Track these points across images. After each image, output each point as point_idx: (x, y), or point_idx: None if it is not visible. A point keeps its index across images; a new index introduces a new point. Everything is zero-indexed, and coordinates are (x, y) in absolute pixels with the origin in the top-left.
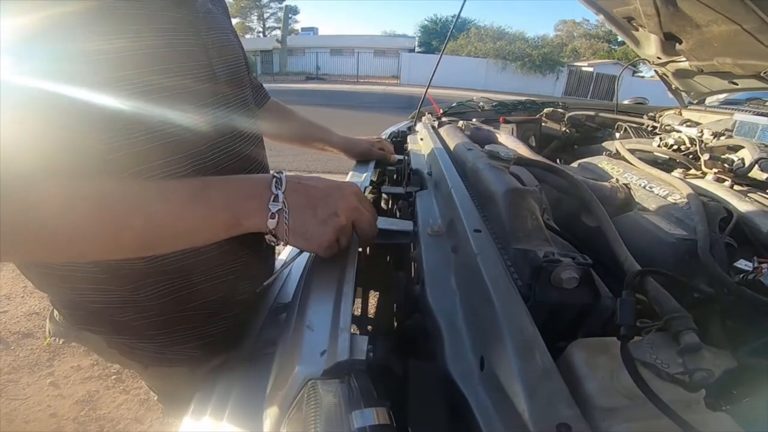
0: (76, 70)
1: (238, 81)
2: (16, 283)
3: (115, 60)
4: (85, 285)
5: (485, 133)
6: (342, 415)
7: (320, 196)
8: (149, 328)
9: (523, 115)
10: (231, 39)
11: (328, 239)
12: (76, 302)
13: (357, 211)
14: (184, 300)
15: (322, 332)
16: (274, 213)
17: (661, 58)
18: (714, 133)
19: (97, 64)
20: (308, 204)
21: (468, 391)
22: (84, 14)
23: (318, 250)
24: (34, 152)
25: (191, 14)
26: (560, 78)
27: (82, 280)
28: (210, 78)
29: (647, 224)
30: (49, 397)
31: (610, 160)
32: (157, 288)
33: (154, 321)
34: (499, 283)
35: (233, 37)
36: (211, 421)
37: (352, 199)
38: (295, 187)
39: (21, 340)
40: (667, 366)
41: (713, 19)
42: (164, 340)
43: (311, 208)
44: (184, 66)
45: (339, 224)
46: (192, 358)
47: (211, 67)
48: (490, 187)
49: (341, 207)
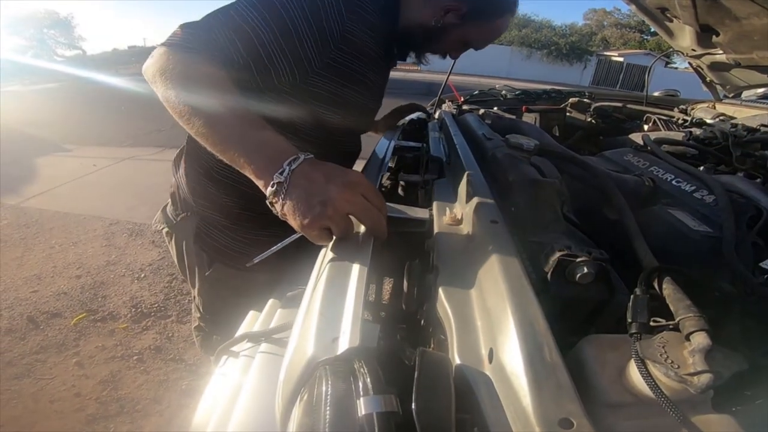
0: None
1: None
2: (45, 264)
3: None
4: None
5: (507, 122)
6: (351, 401)
7: (321, 182)
8: (240, 218)
9: (547, 104)
10: (378, 95)
11: (313, 224)
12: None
13: (354, 204)
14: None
15: (335, 318)
16: (274, 183)
17: (696, 50)
18: (748, 128)
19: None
20: (307, 186)
21: (475, 383)
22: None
23: (304, 232)
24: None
25: (376, 89)
26: (588, 67)
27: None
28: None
29: (671, 219)
30: (74, 377)
31: (637, 152)
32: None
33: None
34: (513, 275)
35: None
36: (225, 403)
37: (349, 192)
38: (305, 169)
39: (50, 320)
40: (677, 366)
41: (754, 11)
42: (246, 235)
43: (307, 191)
44: (357, 113)
45: (326, 213)
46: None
47: (369, 113)
48: (509, 177)
49: (333, 197)
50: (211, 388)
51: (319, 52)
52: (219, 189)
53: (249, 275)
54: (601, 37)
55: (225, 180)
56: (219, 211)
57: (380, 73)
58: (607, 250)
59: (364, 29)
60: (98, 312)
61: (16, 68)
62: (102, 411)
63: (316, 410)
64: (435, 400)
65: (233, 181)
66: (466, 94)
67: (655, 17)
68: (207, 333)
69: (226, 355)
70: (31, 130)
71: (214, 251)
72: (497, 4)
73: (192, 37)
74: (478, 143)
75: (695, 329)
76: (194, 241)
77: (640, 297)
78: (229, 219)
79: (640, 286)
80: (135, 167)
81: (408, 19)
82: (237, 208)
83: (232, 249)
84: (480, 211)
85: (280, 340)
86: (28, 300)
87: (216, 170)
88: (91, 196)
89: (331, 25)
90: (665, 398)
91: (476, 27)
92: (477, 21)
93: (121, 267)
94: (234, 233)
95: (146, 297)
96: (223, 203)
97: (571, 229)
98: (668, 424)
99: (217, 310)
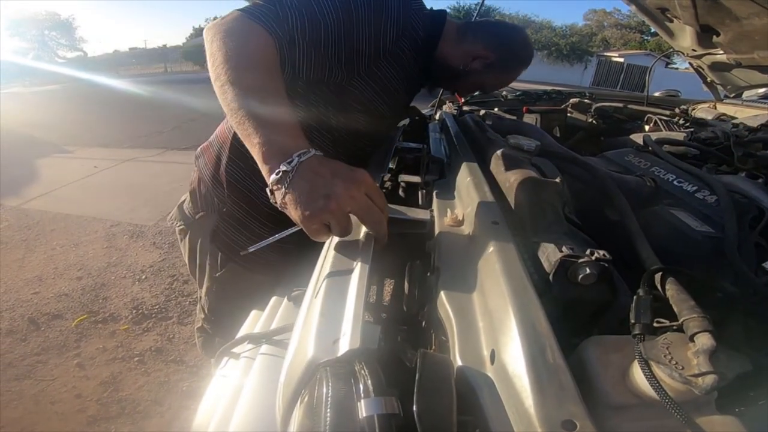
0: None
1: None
2: (47, 265)
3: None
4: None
5: (508, 123)
6: (352, 403)
7: (327, 177)
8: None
9: (547, 105)
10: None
11: (313, 217)
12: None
13: (357, 202)
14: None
15: (336, 320)
16: (280, 171)
17: (697, 51)
18: (749, 128)
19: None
20: (312, 179)
21: (477, 384)
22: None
23: (303, 224)
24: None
25: (401, 106)
26: (589, 68)
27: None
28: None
29: (673, 219)
30: (75, 378)
31: (638, 152)
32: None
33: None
34: (514, 276)
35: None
36: (226, 404)
37: (354, 189)
38: (313, 163)
39: (51, 321)
40: (681, 367)
41: (755, 11)
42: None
43: (312, 183)
44: (378, 123)
45: (328, 208)
46: (269, 264)
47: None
48: (510, 178)
49: (337, 192)
50: (211, 389)
51: (372, 54)
52: (255, 179)
53: (258, 278)
54: (601, 38)
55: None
56: (247, 202)
57: (409, 94)
58: (608, 251)
59: (411, 47)
60: (99, 313)
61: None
62: (103, 412)
63: (316, 412)
64: (436, 401)
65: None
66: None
67: (655, 17)
68: (210, 335)
69: (227, 357)
70: (32, 132)
71: (230, 251)
72: (520, 57)
73: (267, 9)
74: (479, 144)
75: (699, 330)
76: (211, 239)
77: (643, 298)
78: (253, 213)
79: (642, 286)
80: (136, 169)
81: (441, 52)
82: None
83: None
84: (481, 211)
85: (280, 342)
86: (30, 301)
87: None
88: (92, 198)
89: (390, 29)
90: (669, 399)
91: (495, 75)
92: (498, 70)
93: (122, 268)
94: (252, 232)
95: (147, 298)
96: (251, 197)
97: (573, 229)
98: (672, 425)
99: (222, 312)
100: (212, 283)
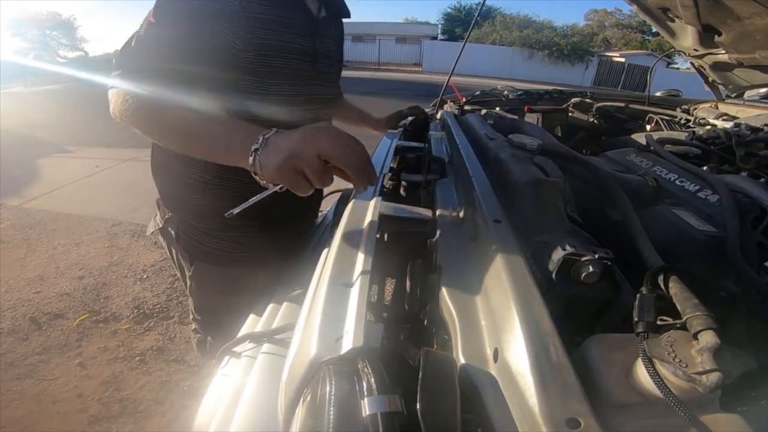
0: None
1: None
2: (48, 265)
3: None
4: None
5: (509, 122)
6: (355, 401)
7: (292, 134)
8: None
9: (549, 104)
10: (331, 41)
11: (283, 166)
12: (181, 196)
13: (321, 140)
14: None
15: (338, 318)
16: (252, 152)
17: (698, 50)
18: (751, 127)
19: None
20: (279, 141)
21: (480, 383)
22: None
23: (280, 180)
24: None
25: (306, 18)
26: (590, 68)
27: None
28: (310, 62)
29: (675, 219)
30: (76, 378)
31: (639, 152)
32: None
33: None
34: (517, 274)
35: (335, 39)
36: (227, 404)
37: (317, 133)
38: (278, 134)
39: (52, 321)
40: (685, 365)
41: (757, 11)
42: (233, 234)
43: (277, 144)
44: (294, 54)
45: (294, 153)
46: (238, 258)
47: (313, 57)
48: (512, 177)
49: (300, 138)
50: (213, 389)
51: (240, 37)
52: (190, 191)
53: (232, 272)
54: (602, 38)
55: (192, 181)
56: (192, 213)
57: (312, 35)
58: (611, 250)
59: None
60: (101, 313)
61: (19, 70)
62: (104, 412)
63: (319, 411)
64: (440, 400)
65: (203, 182)
66: (467, 95)
67: (656, 17)
68: (201, 335)
69: (228, 356)
70: (33, 132)
71: (194, 249)
72: None
73: (128, 68)
74: (481, 143)
75: (703, 328)
76: (176, 241)
77: (646, 296)
78: (203, 220)
79: (646, 285)
80: (137, 168)
81: None
82: (208, 209)
83: (208, 246)
84: (483, 210)
85: (282, 341)
86: (31, 301)
87: (186, 174)
88: (93, 198)
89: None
90: (673, 397)
91: None
92: None
93: (123, 268)
94: (208, 232)
95: (148, 298)
96: (196, 204)
97: (575, 228)
98: (676, 423)
99: (206, 310)
100: (191, 282)
